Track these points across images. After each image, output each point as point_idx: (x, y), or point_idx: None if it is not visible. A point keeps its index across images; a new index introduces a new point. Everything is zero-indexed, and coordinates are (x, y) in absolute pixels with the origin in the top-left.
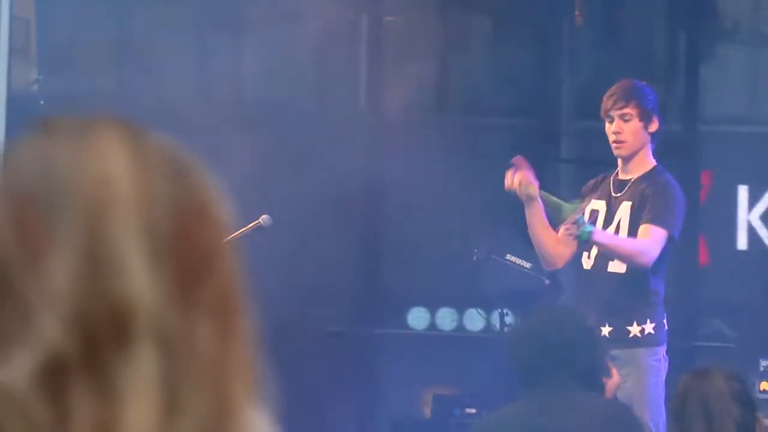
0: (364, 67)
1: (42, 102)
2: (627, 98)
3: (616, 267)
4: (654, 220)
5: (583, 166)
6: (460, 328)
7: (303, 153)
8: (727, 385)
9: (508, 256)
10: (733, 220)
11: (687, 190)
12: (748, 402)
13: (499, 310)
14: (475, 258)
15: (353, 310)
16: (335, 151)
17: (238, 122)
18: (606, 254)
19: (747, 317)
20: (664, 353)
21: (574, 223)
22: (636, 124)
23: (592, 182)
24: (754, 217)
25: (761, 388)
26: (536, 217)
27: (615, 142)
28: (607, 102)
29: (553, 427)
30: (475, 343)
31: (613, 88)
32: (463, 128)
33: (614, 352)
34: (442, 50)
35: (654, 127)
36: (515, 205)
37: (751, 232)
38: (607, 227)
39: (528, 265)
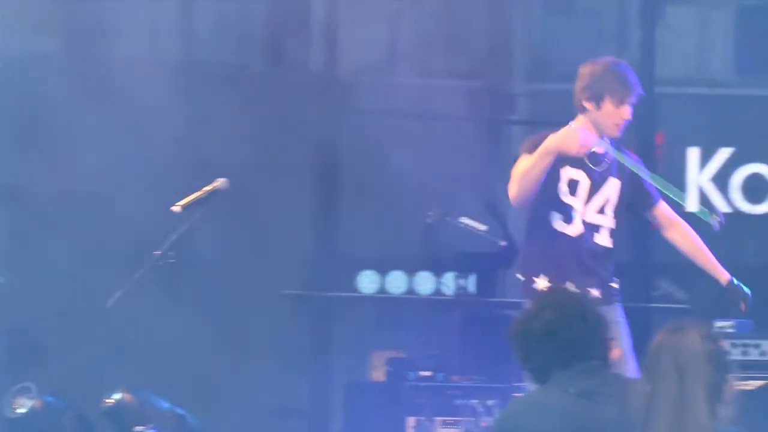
0: (317, 29)
1: None
2: (637, 86)
3: (606, 241)
4: (660, 196)
5: (536, 127)
6: (410, 291)
7: (256, 115)
8: (701, 345)
9: (463, 219)
10: (683, 182)
11: (641, 151)
12: (720, 363)
13: (455, 274)
14: (429, 221)
15: (308, 272)
16: (288, 114)
17: (190, 84)
18: (593, 227)
19: (701, 279)
20: None
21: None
22: (633, 108)
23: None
24: (704, 179)
25: None
26: (545, 165)
27: (620, 125)
28: (626, 87)
29: (591, 411)
30: (437, 305)
31: (615, 68)
32: (417, 90)
33: (606, 307)
34: (395, 12)
35: None
36: (469, 167)
37: (702, 194)
38: (591, 199)
39: (483, 227)
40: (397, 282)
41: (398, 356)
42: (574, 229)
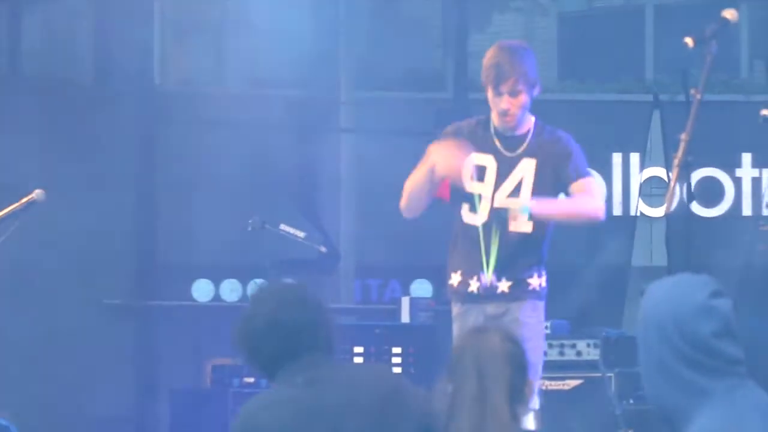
0: (142, 40)
1: None
2: (516, 72)
3: (524, 227)
4: (585, 173)
5: (362, 135)
6: (244, 299)
7: (79, 126)
8: (502, 346)
9: (282, 226)
10: None
11: None
12: (520, 364)
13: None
14: (249, 228)
15: (133, 282)
16: (113, 124)
17: (17, 96)
18: (504, 211)
19: None
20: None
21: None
22: (525, 97)
23: (459, 132)
24: None
25: None
26: (422, 176)
27: (504, 116)
28: (490, 72)
29: (326, 404)
30: None
31: (497, 54)
32: (242, 100)
33: (515, 304)
34: (220, 23)
35: (537, 91)
36: (291, 174)
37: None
38: (501, 183)
39: (302, 234)
40: (229, 289)
41: (223, 363)
42: (480, 218)
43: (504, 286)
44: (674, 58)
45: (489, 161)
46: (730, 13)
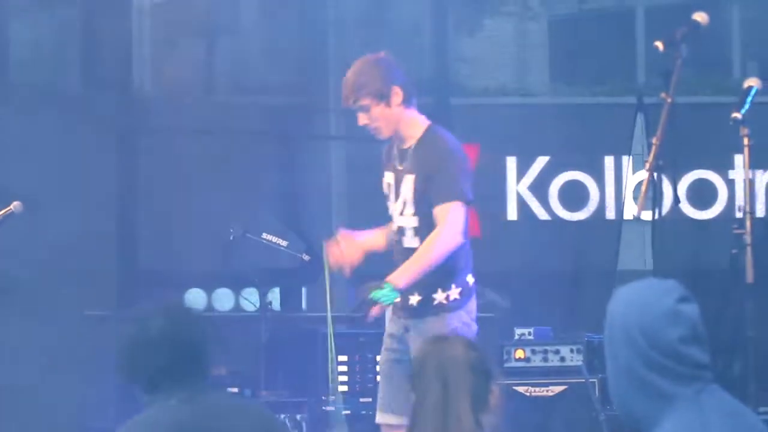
0: (132, 47)
1: None
2: (354, 92)
3: (411, 242)
4: (444, 198)
5: (351, 143)
6: (237, 308)
7: (65, 135)
8: (464, 354)
9: (264, 235)
10: (503, 192)
11: None
12: (484, 371)
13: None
14: (231, 237)
15: (117, 292)
16: (99, 132)
17: (3, 105)
18: (401, 231)
19: (515, 287)
20: (472, 316)
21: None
22: (376, 108)
23: (384, 153)
24: (522, 188)
25: (516, 356)
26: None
27: (371, 131)
28: (343, 98)
29: (203, 426)
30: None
31: (344, 79)
32: (230, 107)
33: (425, 320)
34: (209, 29)
35: (398, 99)
36: (273, 183)
37: (521, 202)
38: (396, 200)
39: (284, 243)
40: (221, 298)
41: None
42: (393, 233)
43: (414, 300)
44: (665, 60)
45: (391, 178)
46: (700, 16)
